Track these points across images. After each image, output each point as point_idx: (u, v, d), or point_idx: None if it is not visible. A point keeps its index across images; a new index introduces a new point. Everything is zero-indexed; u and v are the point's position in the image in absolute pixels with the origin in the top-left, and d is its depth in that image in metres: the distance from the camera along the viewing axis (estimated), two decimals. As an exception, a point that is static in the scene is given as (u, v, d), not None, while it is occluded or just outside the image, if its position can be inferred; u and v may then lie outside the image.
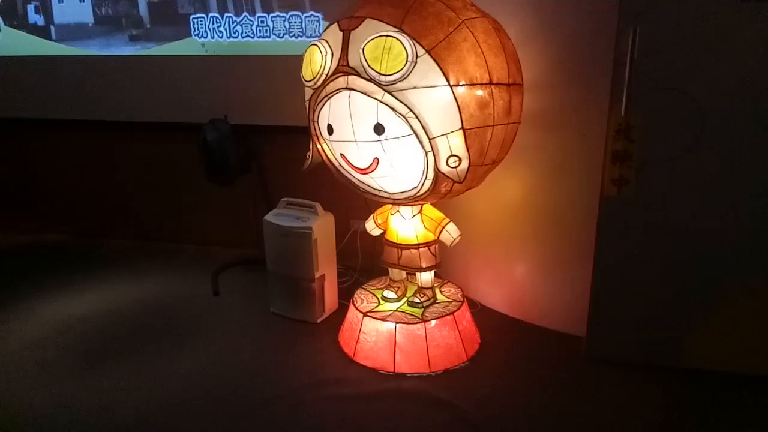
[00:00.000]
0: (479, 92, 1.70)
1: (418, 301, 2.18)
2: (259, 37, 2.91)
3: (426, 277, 2.20)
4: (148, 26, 3.05)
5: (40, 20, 3.16)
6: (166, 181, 3.39)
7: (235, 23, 2.93)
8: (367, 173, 1.88)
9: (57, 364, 2.18)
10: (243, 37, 2.94)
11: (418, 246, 2.10)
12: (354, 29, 1.73)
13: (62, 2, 3.10)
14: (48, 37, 3.17)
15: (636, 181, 1.91)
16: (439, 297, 2.25)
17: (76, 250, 3.40)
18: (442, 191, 1.87)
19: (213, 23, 2.95)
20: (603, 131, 1.93)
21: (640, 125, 1.86)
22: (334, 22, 1.83)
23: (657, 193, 1.91)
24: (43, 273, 3.03)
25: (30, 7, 3.15)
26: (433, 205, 2.13)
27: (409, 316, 2.11)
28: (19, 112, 3.41)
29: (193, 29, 2.98)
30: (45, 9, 3.13)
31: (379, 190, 1.96)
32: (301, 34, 2.85)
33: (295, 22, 2.84)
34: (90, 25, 3.11)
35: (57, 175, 3.57)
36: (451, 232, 2.05)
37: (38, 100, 3.34)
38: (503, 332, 2.37)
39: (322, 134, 1.94)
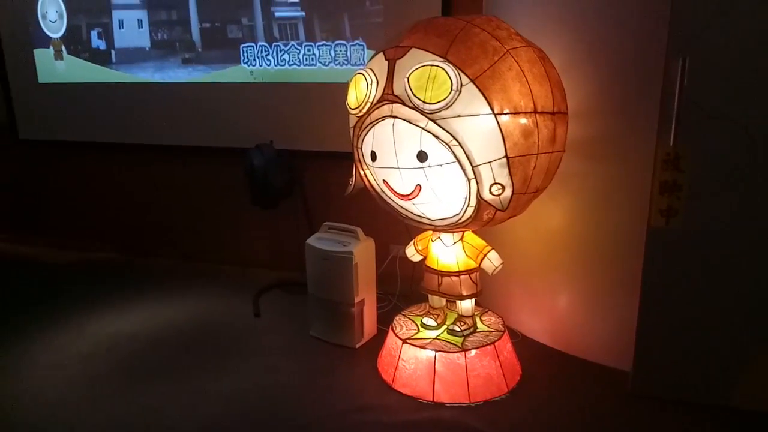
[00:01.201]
0: (523, 120, 1.70)
1: (459, 329, 2.16)
2: (306, 65, 2.99)
3: (466, 305, 2.18)
4: (200, 50, 3.19)
5: (102, 45, 3.35)
6: (211, 203, 3.48)
7: (282, 51, 3.02)
8: (409, 199, 1.89)
9: (103, 379, 2.24)
10: (290, 65, 3.02)
11: (458, 273, 2.08)
12: (399, 58, 1.76)
13: (123, 28, 3.28)
14: (109, 60, 3.34)
15: (685, 212, 1.86)
16: (480, 326, 2.23)
17: (123, 269, 3.51)
18: (484, 219, 1.86)
19: (261, 51, 3.05)
20: (649, 160, 1.89)
21: (690, 155, 1.82)
22: (379, 52, 1.87)
23: (707, 225, 1.86)
24: (92, 290, 3.14)
25: (93, 33, 3.35)
26: (474, 232, 2.12)
27: (449, 345, 2.09)
28: (74, 136, 3.58)
29: (242, 57, 3.09)
30: (107, 34, 3.32)
31: (421, 217, 1.97)
32: (345, 62, 2.91)
33: (340, 51, 2.91)
34: (147, 49, 3.27)
35: (107, 195, 3.71)
36: (492, 260, 2.04)
37: (93, 124, 3.50)
38: (545, 364, 2.32)
39: (365, 160, 1.97)
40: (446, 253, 2.10)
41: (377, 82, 1.82)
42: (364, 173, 2.02)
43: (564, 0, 2.16)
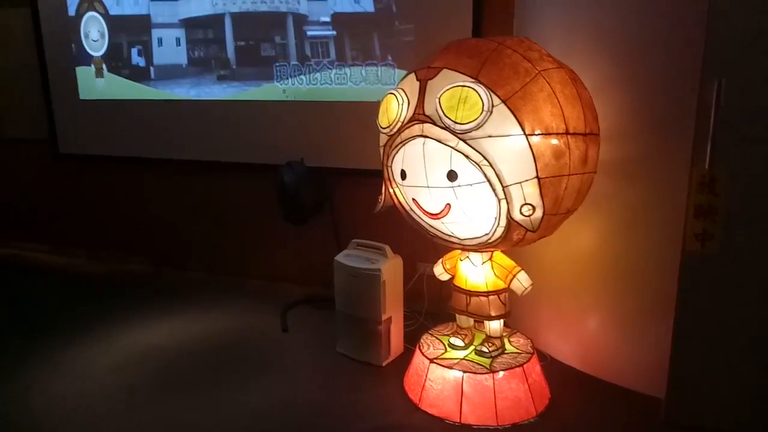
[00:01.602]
0: (555, 141, 1.70)
1: (487, 350, 2.14)
2: (337, 83, 3.03)
3: (495, 326, 2.16)
4: (234, 67, 3.27)
5: (141, 62, 3.46)
6: (241, 217, 3.53)
7: (314, 71, 3.07)
8: (439, 218, 1.90)
9: (132, 391, 2.28)
10: (321, 84, 3.07)
11: (487, 294, 2.07)
12: (431, 79, 1.78)
13: (161, 46, 3.39)
14: (147, 76, 3.45)
15: (721, 236, 1.82)
16: (508, 347, 2.20)
17: (153, 281, 3.58)
18: (514, 239, 1.85)
19: (294, 71, 3.11)
20: (683, 182, 1.86)
21: (726, 178, 1.79)
22: (410, 72, 1.89)
23: (744, 249, 1.81)
24: (123, 302, 3.20)
25: (134, 50, 3.46)
26: (503, 252, 2.11)
27: (477, 366, 2.07)
28: (110, 150, 3.68)
29: (275, 75, 3.15)
30: (146, 52, 3.43)
31: (450, 236, 1.96)
32: (376, 81, 2.95)
33: (371, 71, 2.95)
34: (184, 66, 3.37)
35: (140, 208, 3.79)
36: (522, 281, 2.02)
37: (129, 139, 3.60)
38: (574, 388, 2.28)
39: (395, 179, 1.98)
40: (475, 273, 2.09)
41: (408, 102, 1.84)
42: (394, 191, 2.04)
43: (595, 21, 2.16)
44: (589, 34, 2.17)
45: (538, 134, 1.67)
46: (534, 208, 1.73)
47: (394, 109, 1.86)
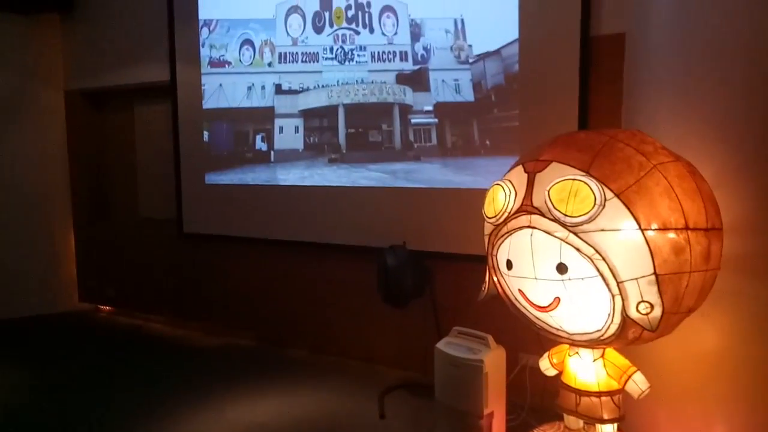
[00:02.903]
0: (673, 236, 1.63)
1: (598, 456, 1.98)
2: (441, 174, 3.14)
3: (607, 430, 2.00)
4: (344, 151, 3.49)
5: (263, 147, 3.81)
6: (343, 298, 3.61)
7: (417, 159, 3.21)
8: (547, 311, 1.84)
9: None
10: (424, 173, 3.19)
11: (599, 394, 1.94)
12: (539, 171, 1.79)
13: (282, 133, 3.71)
14: (268, 159, 3.80)
15: None
16: (622, 454, 2.03)
17: (259, 356, 3.71)
18: (629, 337, 1.75)
19: (399, 156, 3.27)
20: (826, 283, 1.69)
21: None
22: (518, 164, 1.92)
23: None
24: (230, 375, 3.34)
25: (258, 137, 3.83)
26: (617, 350, 1.99)
27: (588, 473, 1.92)
28: (226, 230, 3.97)
29: (382, 158, 3.33)
30: (269, 138, 3.79)
31: (558, 329, 1.89)
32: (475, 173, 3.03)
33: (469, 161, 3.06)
34: (300, 150, 3.68)
35: (249, 285, 4.00)
36: (638, 383, 1.88)
37: (243, 221, 3.89)
38: (701, 508, 2.03)
39: (500, 268, 1.96)
40: (585, 371, 1.98)
41: (515, 194, 1.85)
42: (498, 280, 2.02)
43: (711, 113, 2.09)
44: (704, 125, 2.10)
45: (655, 229, 1.61)
46: (652, 306, 1.64)
47: (501, 199, 1.88)
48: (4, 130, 4.45)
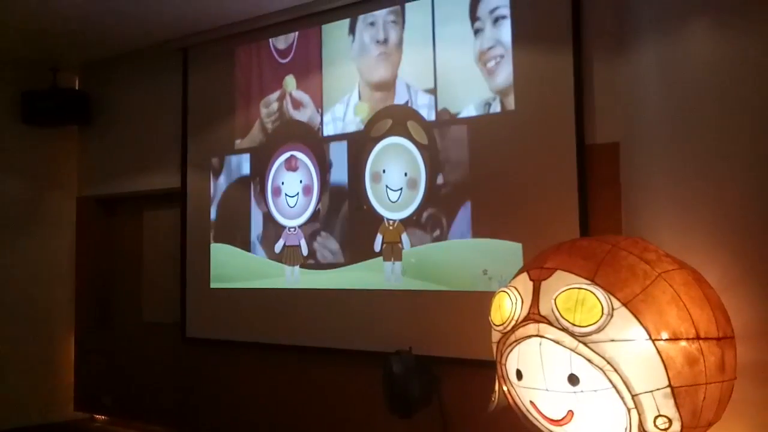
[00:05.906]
0: (685, 345, 1.60)
1: None
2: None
3: None
4: (348, 257, 3.49)
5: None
6: (346, 406, 3.48)
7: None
8: (560, 425, 1.77)
9: None
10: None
11: None
12: (544, 279, 1.80)
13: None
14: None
15: None
16: None
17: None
18: (649, 455, 1.67)
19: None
20: None
21: None
22: (523, 271, 1.93)
23: None
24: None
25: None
26: (637, 466, 1.89)
27: None
28: (229, 335, 3.91)
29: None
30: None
31: (574, 445, 1.81)
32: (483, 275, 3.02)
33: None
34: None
35: (253, 392, 3.87)
36: (662, 504, 1.77)
37: (246, 325, 3.83)
38: None
39: (510, 378, 1.91)
40: (605, 490, 1.86)
41: (521, 301, 1.84)
42: (509, 390, 1.96)
43: (711, 218, 2.12)
44: (705, 231, 2.13)
45: (665, 339, 1.59)
46: (670, 420, 1.58)
47: (507, 307, 1.87)
48: (15, 239, 4.50)
